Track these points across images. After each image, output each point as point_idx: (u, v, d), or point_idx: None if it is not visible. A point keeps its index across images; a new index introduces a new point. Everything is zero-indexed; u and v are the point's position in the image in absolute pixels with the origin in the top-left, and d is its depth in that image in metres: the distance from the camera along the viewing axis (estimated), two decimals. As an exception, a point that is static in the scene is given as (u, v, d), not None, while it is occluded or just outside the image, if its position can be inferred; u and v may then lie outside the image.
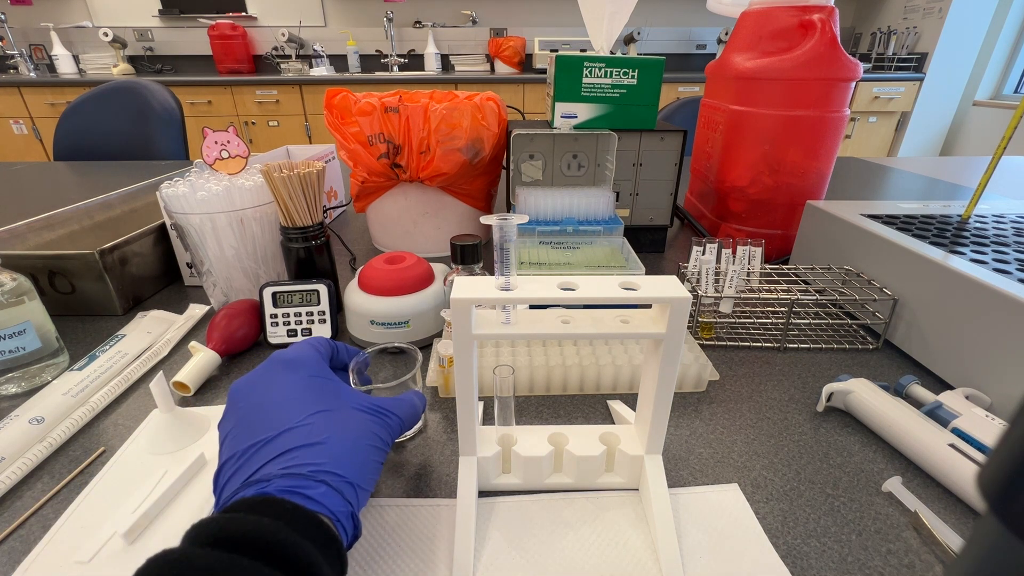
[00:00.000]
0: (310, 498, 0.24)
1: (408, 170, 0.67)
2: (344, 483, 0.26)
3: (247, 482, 0.25)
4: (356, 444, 0.28)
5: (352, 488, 0.27)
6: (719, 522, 0.33)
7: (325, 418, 0.28)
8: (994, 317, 0.41)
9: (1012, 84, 2.85)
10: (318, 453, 0.26)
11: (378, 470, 0.30)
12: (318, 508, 0.24)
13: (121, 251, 0.59)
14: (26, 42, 2.89)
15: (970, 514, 0.34)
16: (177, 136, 1.49)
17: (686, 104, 1.48)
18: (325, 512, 0.25)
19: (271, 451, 0.26)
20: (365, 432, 0.29)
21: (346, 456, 0.27)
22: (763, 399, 0.45)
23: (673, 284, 0.30)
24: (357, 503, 0.27)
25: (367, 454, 0.28)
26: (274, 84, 2.65)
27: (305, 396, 0.29)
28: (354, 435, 0.29)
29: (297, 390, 0.30)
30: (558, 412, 0.44)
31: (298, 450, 0.26)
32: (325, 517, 0.25)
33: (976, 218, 0.59)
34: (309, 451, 0.26)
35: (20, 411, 0.39)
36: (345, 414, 0.29)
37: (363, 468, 0.28)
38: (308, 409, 0.28)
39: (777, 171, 0.68)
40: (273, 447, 0.26)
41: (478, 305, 0.30)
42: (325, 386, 0.31)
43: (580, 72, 0.67)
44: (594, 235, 0.65)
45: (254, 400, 0.29)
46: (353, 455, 0.28)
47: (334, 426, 0.28)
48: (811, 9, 0.63)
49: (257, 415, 0.28)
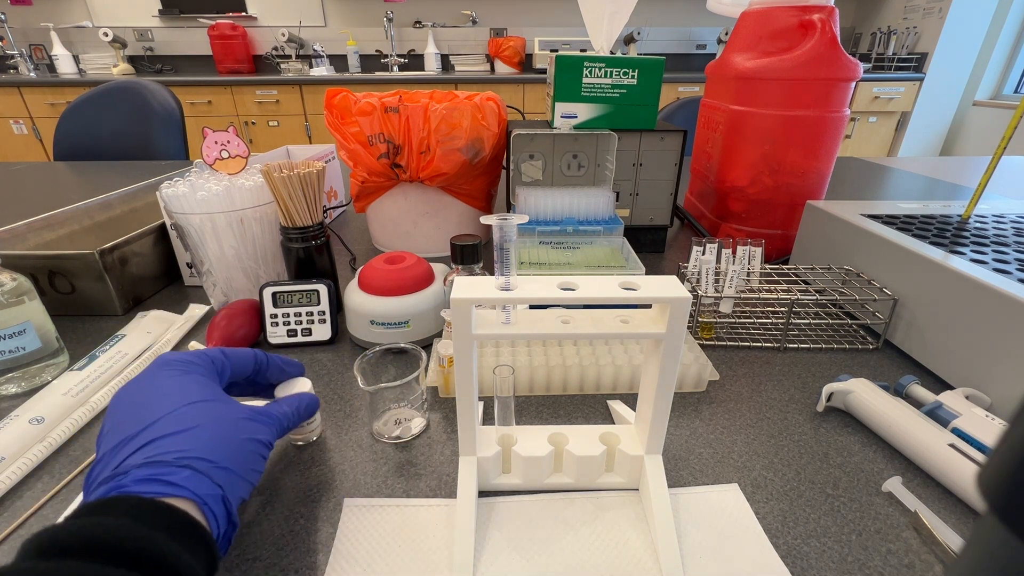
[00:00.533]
0: (171, 483, 0.24)
1: (408, 170, 0.67)
2: (214, 468, 0.25)
3: (104, 479, 0.24)
4: (231, 432, 0.27)
5: (224, 473, 0.26)
6: (719, 522, 0.33)
7: (199, 408, 0.27)
8: (994, 317, 0.41)
9: (1012, 84, 2.85)
10: (185, 439, 0.25)
11: (259, 461, 0.29)
12: (180, 492, 0.24)
13: (121, 251, 0.59)
14: (26, 42, 2.89)
15: (970, 514, 0.34)
16: (177, 136, 1.49)
17: (686, 104, 1.48)
18: (189, 495, 0.24)
19: (136, 443, 0.25)
20: (242, 423, 0.28)
21: (218, 442, 0.26)
22: (763, 399, 0.45)
23: (673, 284, 0.30)
24: (231, 488, 0.26)
25: (244, 444, 0.27)
26: (274, 84, 2.65)
27: (179, 389, 0.28)
28: (229, 423, 0.27)
29: (173, 384, 0.28)
30: (558, 412, 0.44)
31: (164, 439, 0.25)
32: (189, 501, 0.24)
33: (976, 218, 0.59)
34: (175, 438, 0.25)
35: (20, 411, 0.39)
36: (221, 405, 0.28)
37: (239, 455, 0.27)
38: (182, 400, 0.27)
39: (777, 171, 0.68)
40: (139, 439, 0.25)
41: (478, 305, 0.30)
42: (205, 383, 0.29)
43: (580, 72, 0.67)
44: (594, 235, 0.65)
45: (127, 400, 0.28)
46: (226, 441, 0.27)
47: (207, 414, 0.27)
48: (811, 9, 0.63)
49: (128, 413, 0.27)
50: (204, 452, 0.25)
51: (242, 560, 0.31)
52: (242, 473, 0.27)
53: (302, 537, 0.32)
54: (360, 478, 0.37)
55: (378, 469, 0.38)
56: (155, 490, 0.23)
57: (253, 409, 0.30)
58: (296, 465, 0.38)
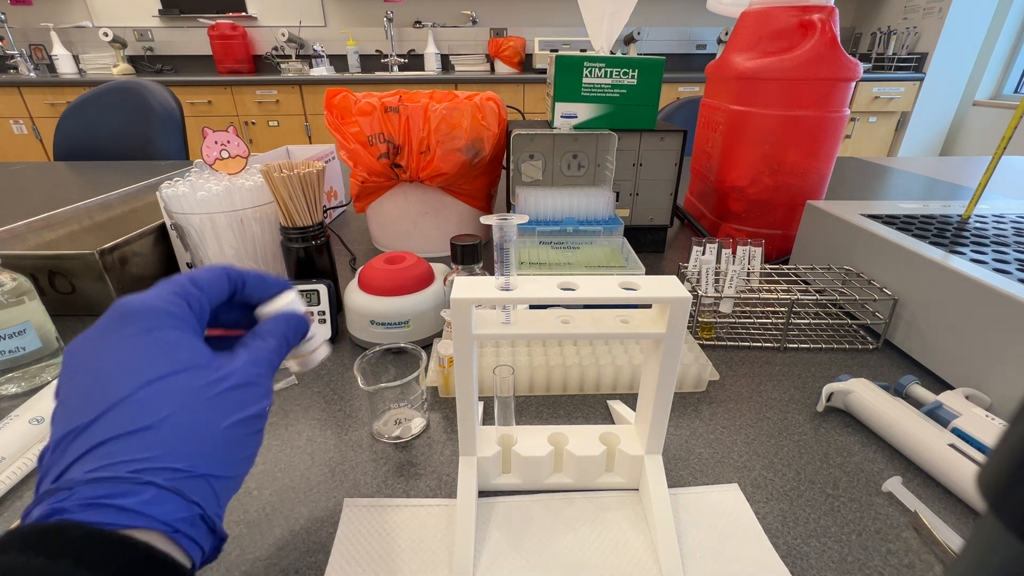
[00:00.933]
0: (127, 509, 0.18)
1: (408, 170, 0.67)
2: (187, 479, 0.20)
3: (48, 490, 0.19)
4: (210, 420, 0.21)
5: (202, 482, 0.20)
6: (719, 522, 0.33)
7: (165, 386, 0.21)
8: (994, 317, 0.41)
9: (1012, 84, 2.85)
10: (146, 442, 0.19)
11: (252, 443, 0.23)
12: (139, 522, 0.18)
13: (121, 251, 0.59)
14: (26, 42, 2.89)
15: (970, 514, 0.34)
16: (177, 136, 1.49)
17: (686, 104, 1.48)
18: (152, 525, 0.18)
19: (84, 443, 0.19)
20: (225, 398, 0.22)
21: (192, 439, 0.20)
22: (763, 399, 0.45)
23: (673, 284, 0.30)
24: (213, 498, 0.21)
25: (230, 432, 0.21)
26: (274, 84, 2.64)
27: (140, 358, 0.21)
28: (207, 404, 0.21)
29: (132, 351, 0.21)
30: (558, 412, 0.44)
31: (118, 440, 0.19)
32: (152, 532, 0.19)
33: (976, 218, 0.59)
34: (132, 440, 0.19)
35: (20, 411, 0.39)
36: (195, 375, 0.22)
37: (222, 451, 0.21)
38: (143, 376, 0.21)
39: (777, 171, 0.68)
40: (88, 437, 0.19)
41: (478, 305, 0.30)
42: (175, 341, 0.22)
43: (580, 72, 0.67)
44: (594, 235, 0.65)
45: (80, 365, 0.21)
46: (204, 436, 0.21)
47: (176, 396, 0.21)
48: (811, 9, 0.63)
49: (79, 387, 0.21)
50: (173, 459, 0.20)
51: (242, 560, 0.31)
52: (229, 472, 0.22)
53: (302, 537, 0.32)
54: (360, 478, 0.37)
55: (378, 469, 0.38)
56: (105, 520, 0.18)
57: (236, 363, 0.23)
58: (296, 465, 0.38)
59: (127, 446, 0.19)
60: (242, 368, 0.23)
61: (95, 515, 0.18)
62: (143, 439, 0.19)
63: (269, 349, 0.25)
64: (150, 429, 0.20)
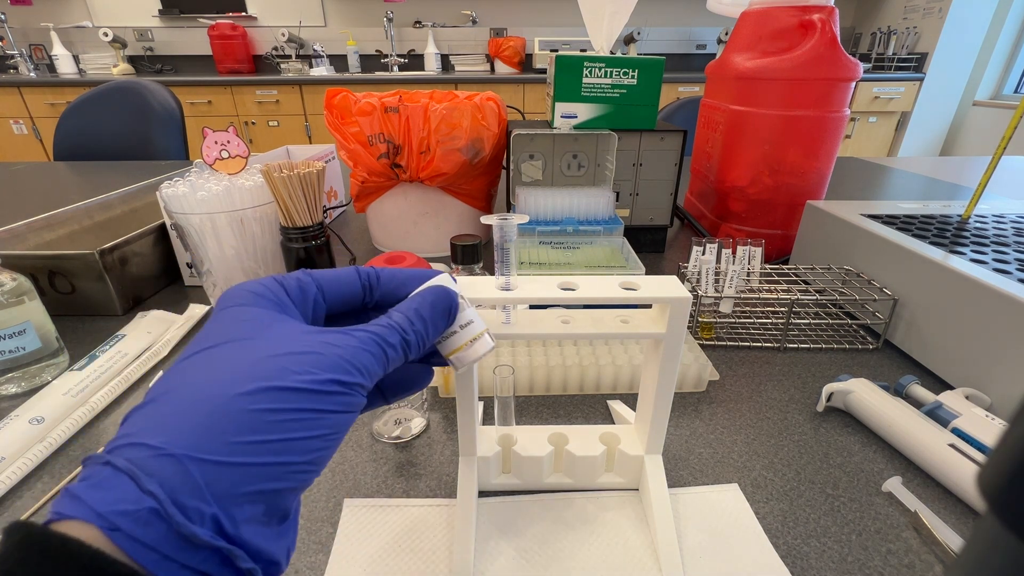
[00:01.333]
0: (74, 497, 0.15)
1: (408, 170, 0.67)
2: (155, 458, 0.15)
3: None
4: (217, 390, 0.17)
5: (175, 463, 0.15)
6: (719, 522, 0.33)
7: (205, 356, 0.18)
8: (994, 317, 0.41)
9: (1012, 84, 2.85)
10: (140, 414, 0.17)
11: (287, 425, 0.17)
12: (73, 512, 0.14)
13: (121, 251, 0.59)
14: (26, 42, 2.89)
15: (970, 514, 0.34)
16: (177, 136, 1.49)
17: (686, 104, 1.48)
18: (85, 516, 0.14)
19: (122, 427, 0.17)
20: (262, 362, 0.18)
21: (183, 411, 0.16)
22: (763, 399, 0.45)
23: (673, 284, 0.30)
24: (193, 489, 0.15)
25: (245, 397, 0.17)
26: (274, 84, 2.64)
27: (201, 334, 0.19)
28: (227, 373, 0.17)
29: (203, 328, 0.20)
30: (558, 412, 0.44)
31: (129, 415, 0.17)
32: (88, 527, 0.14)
33: (976, 218, 0.59)
34: (135, 414, 0.17)
35: (20, 411, 0.39)
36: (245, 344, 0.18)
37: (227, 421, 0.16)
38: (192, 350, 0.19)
39: (777, 171, 0.68)
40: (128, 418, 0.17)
41: (478, 305, 0.30)
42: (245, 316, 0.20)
43: (580, 72, 0.67)
44: (594, 235, 0.65)
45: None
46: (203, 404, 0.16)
47: (202, 366, 0.18)
48: (811, 9, 0.63)
49: None
50: (149, 433, 0.16)
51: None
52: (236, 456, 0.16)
53: (302, 537, 0.32)
54: (360, 478, 0.37)
55: (378, 469, 0.38)
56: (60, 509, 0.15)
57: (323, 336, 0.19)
58: (296, 465, 0.38)
59: (128, 421, 0.17)
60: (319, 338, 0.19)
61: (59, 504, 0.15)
62: (142, 411, 0.17)
63: (383, 324, 0.21)
64: (153, 401, 0.17)
